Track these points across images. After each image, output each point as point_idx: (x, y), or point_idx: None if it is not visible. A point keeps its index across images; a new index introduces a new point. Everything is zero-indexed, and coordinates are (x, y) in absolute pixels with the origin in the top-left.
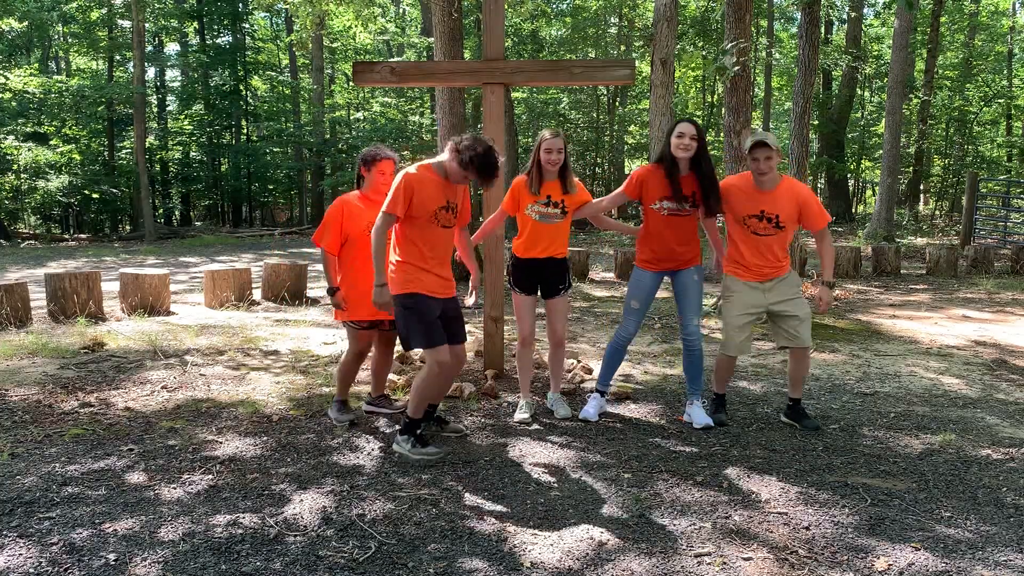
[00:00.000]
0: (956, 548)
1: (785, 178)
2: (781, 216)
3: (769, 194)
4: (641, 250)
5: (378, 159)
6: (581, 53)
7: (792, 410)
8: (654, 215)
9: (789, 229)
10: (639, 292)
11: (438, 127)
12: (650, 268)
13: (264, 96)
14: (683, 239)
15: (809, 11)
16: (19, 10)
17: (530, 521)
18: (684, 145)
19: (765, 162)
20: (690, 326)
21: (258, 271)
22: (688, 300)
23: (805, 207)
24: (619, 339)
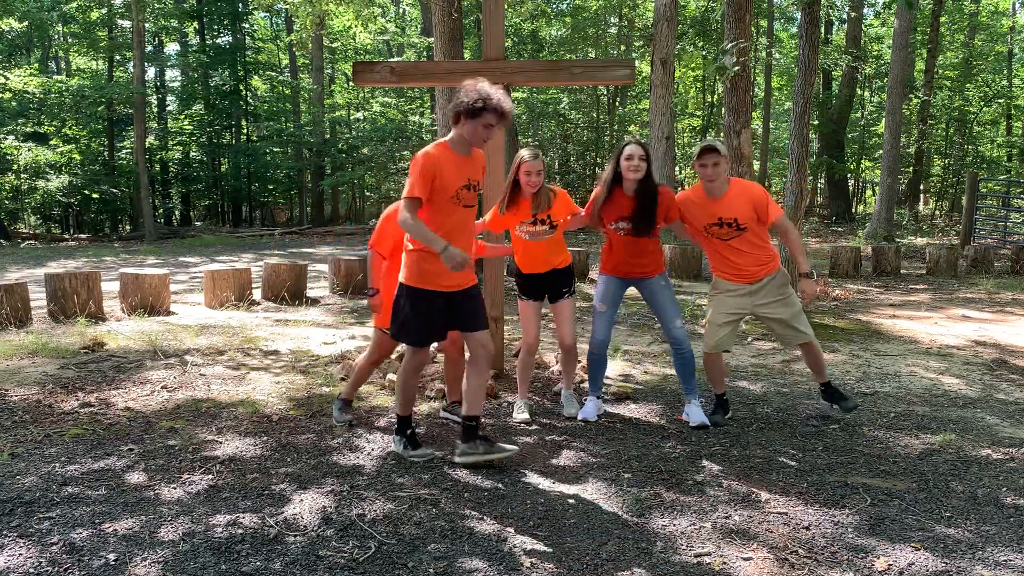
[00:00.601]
0: (956, 548)
1: (734, 181)
2: (739, 218)
3: (721, 200)
4: (604, 261)
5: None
6: (581, 53)
7: (826, 393)
8: (612, 233)
9: (752, 228)
10: (606, 295)
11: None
12: (613, 274)
13: (264, 96)
14: (642, 255)
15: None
16: (19, 10)
17: (530, 521)
18: (634, 167)
19: (713, 168)
20: (674, 329)
21: (258, 271)
22: (662, 305)
23: (758, 205)
24: (594, 345)
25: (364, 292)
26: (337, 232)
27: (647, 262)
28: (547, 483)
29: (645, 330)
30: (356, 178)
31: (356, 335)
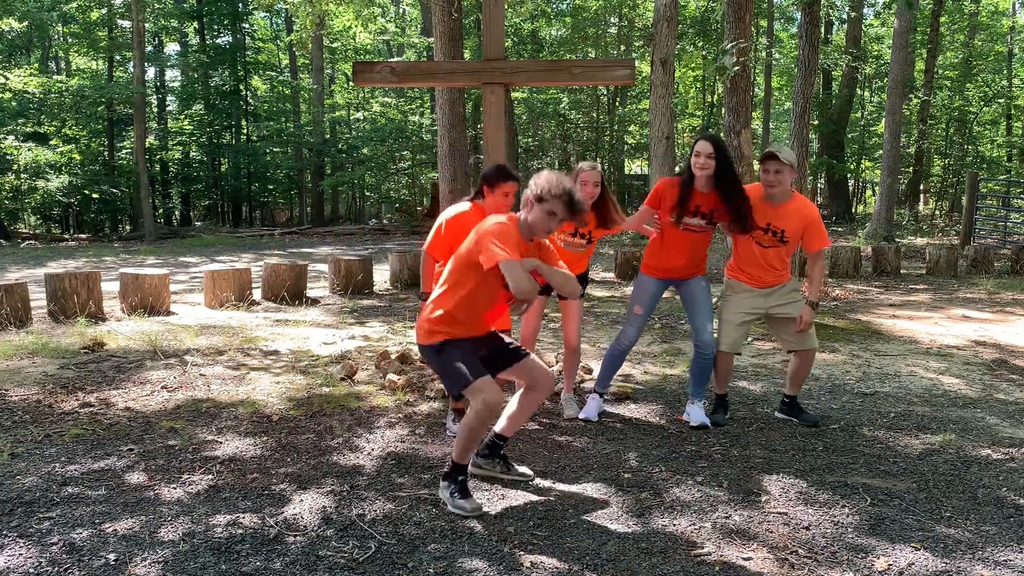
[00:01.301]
0: (956, 548)
1: (796, 196)
2: (787, 232)
3: (779, 208)
4: (648, 257)
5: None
6: (581, 53)
7: (788, 406)
8: (670, 227)
9: (792, 245)
10: (643, 297)
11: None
12: (656, 275)
13: (264, 96)
14: (693, 254)
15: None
16: (19, 10)
17: (530, 521)
18: (700, 164)
19: (774, 175)
20: (704, 333)
21: (258, 271)
22: (699, 307)
23: (810, 228)
24: (620, 344)
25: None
26: (337, 232)
27: (696, 263)
28: (547, 483)
29: (645, 330)
30: (356, 178)
31: (356, 335)
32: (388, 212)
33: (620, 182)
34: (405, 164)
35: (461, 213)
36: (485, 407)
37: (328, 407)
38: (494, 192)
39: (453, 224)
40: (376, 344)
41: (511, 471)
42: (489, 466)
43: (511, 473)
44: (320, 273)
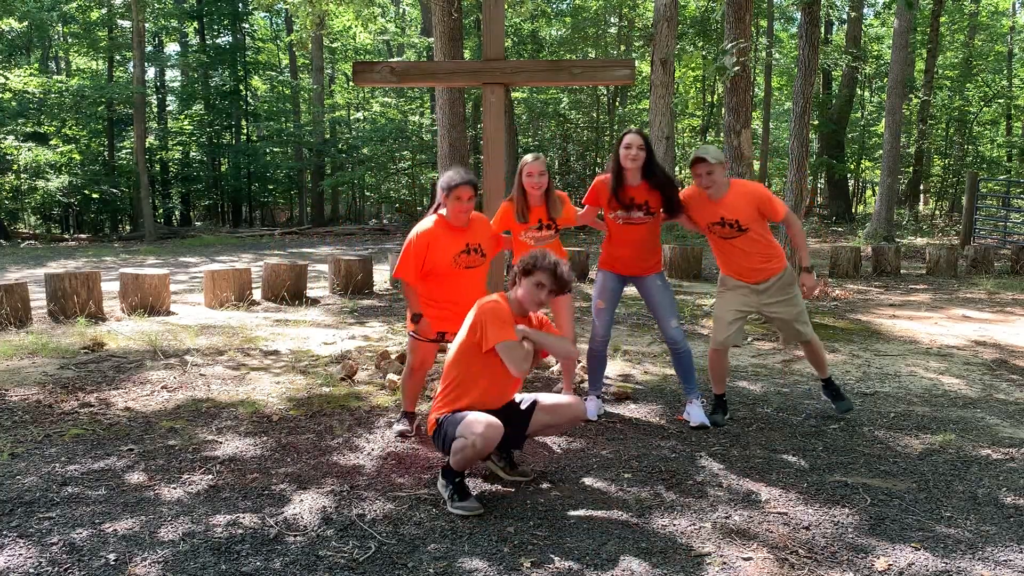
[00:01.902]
0: (956, 548)
1: (734, 182)
2: (740, 219)
3: (722, 201)
4: (603, 254)
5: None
6: (581, 53)
7: (827, 388)
8: (612, 223)
9: (755, 228)
10: (604, 292)
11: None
12: (611, 270)
13: (264, 96)
14: (641, 246)
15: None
16: (19, 10)
17: (530, 521)
18: (632, 156)
19: (707, 177)
20: (670, 329)
21: (258, 271)
22: (660, 304)
23: (761, 204)
24: (593, 343)
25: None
26: (337, 232)
27: (646, 257)
28: (547, 483)
29: (645, 330)
30: (356, 178)
31: (356, 335)
32: (388, 212)
33: None
34: (405, 164)
35: (425, 232)
36: (484, 441)
37: (328, 407)
38: (448, 199)
39: (419, 244)
40: (376, 344)
41: (512, 471)
42: (495, 457)
43: (512, 473)
44: (320, 273)
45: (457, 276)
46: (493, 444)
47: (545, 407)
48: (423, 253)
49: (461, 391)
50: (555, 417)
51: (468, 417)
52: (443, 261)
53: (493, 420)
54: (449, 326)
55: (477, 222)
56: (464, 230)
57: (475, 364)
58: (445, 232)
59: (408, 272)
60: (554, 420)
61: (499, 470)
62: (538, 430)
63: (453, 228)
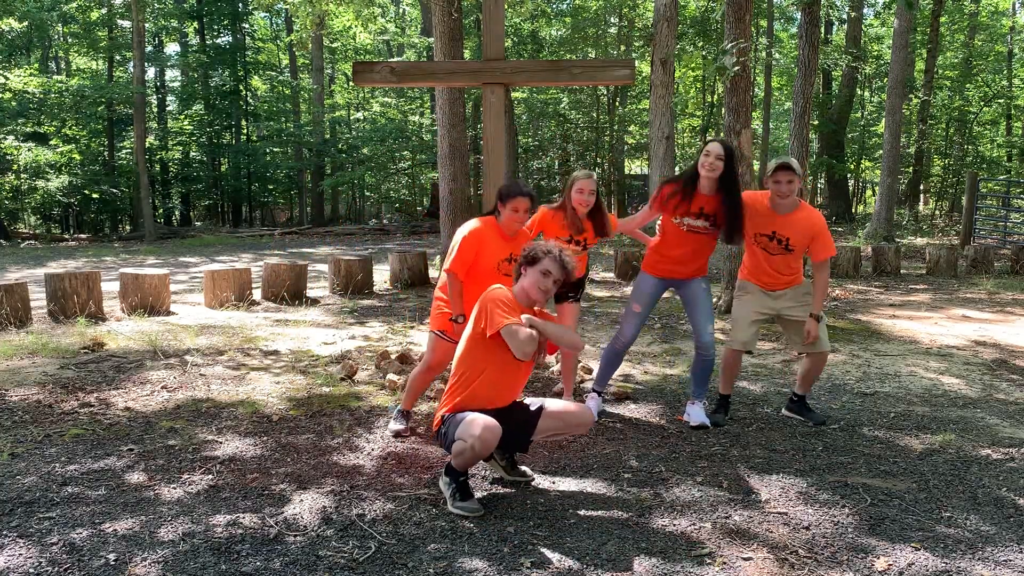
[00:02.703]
0: (956, 548)
1: (804, 205)
2: (792, 240)
3: (785, 217)
4: (651, 255)
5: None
6: (581, 53)
7: (797, 405)
8: (673, 228)
9: (798, 252)
10: (642, 296)
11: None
12: (656, 274)
13: (264, 96)
14: (694, 255)
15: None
16: (19, 10)
17: (530, 521)
18: (710, 164)
19: (787, 185)
20: (705, 334)
21: (258, 271)
22: (699, 308)
23: (817, 238)
24: (618, 342)
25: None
26: (337, 232)
27: (698, 264)
28: (547, 483)
29: (645, 330)
30: (356, 178)
31: (356, 335)
32: (388, 212)
33: (620, 182)
34: (405, 164)
35: (479, 230)
36: (482, 443)
37: (328, 407)
38: (505, 207)
39: (473, 241)
40: (376, 344)
41: (513, 471)
42: (497, 456)
43: (513, 473)
44: (320, 273)
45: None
46: (491, 447)
47: (552, 413)
48: (475, 251)
49: (467, 383)
50: (562, 424)
51: (467, 418)
52: (489, 264)
53: (491, 422)
54: None
55: (523, 235)
56: (512, 240)
57: (480, 353)
58: (495, 236)
59: (461, 267)
60: (561, 427)
61: (500, 469)
62: (544, 435)
63: (503, 235)
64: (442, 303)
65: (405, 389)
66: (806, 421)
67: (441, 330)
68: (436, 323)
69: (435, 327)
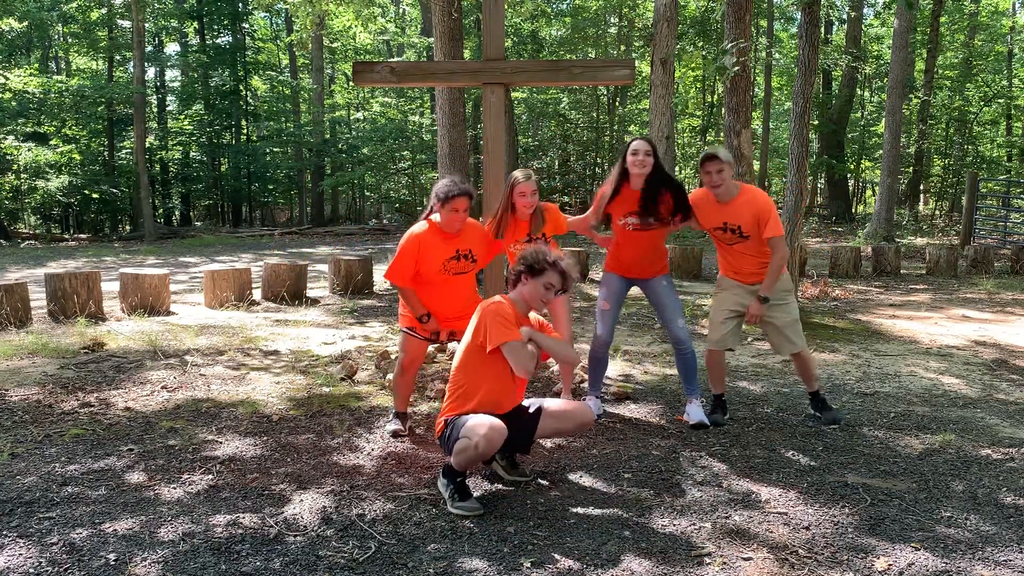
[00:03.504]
0: (956, 548)
1: (744, 188)
2: (743, 226)
3: (728, 206)
4: (609, 257)
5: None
6: (581, 53)
7: (814, 403)
8: (619, 229)
9: (756, 236)
10: (609, 294)
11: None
12: (618, 273)
13: (264, 96)
14: (646, 252)
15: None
16: (19, 10)
17: (530, 521)
18: (639, 161)
19: (717, 175)
20: (676, 329)
21: (258, 271)
22: (665, 305)
23: (761, 218)
24: (595, 345)
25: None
26: (337, 232)
27: (653, 260)
28: (547, 483)
29: (645, 330)
30: (356, 178)
31: (356, 335)
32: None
33: None
34: (405, 164)
35: (417, 235)
36: (486, 442)
37: (328, 407)
38: (444, 208)
39: (410, 249)
40: (376, 344)
41: (514, 471)
42: (497, 457)
43: (513, 473)
44: (320, 273)
45: (444, 283)
46: (496, 447)
47: (552, 412)
48: (414, 256)
49: (468, 394)
50: (562, 423)
51: (472, 419)
52: (432, 267)
53: (496, 423)
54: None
55: (469, 228)
56: (455, 236)
57: (480, 366)
58: (436, 237)
59: (398, 275)
60: (561, 426)
61: (500, 469)
62: (545, 435)
63: (444, 234)
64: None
65: (393, 394)
66: (806, 421)
67: (410, 327)
68: (403, 321)
69: (403, 324)
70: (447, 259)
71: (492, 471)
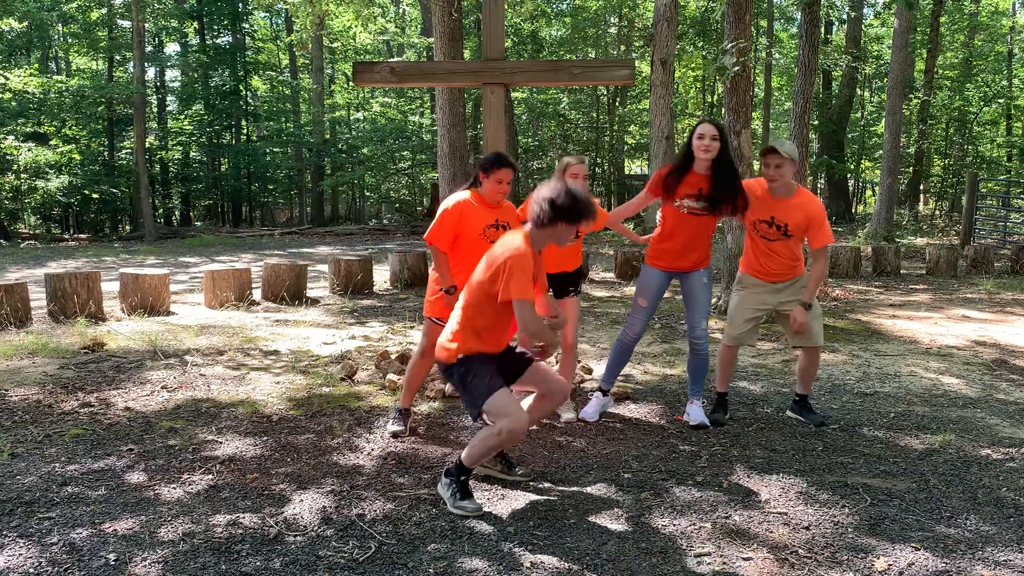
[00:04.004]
0: (956, 548)
1: (802, 190)
2: (790, 225)
3: (783, 202)
4: (652, 248)
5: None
6: (581, 53)
7: (798, 405)
8: (672, 212)
9: (797, 238)
10: (647, 290)
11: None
12: (659, 266)
13: (264, 96)
14: (695, 241)
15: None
16: (19, 10)
17: (530, 521)
18: (705, 146)
19: (775, 169)
20: (698, 328)
21: (258, 271)
22: (696, 302)
23: (813, 223)
24: (626, 337)
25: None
26: (337, 232)
27: (699, 253)
28: (547, 483)
29: (646, 330)
30: (356, 178)
31: (356, 335)
32: (388, 212)
33: (620, 182)
34: (405, 164)
35: (460, 201)
36: (510, 434)
37: (328, 407)
38: (488, 179)
39: (453, 212)
40: (376, 344)
41: (511, 472)
42: (490, 464)
43: (511, 474)
44: (320, 273)
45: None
46: (518, 439)
47: (540, 369)
48: (456, 221)
49: (477, 332)
50: (542, 382)
51: (500, 395)
52: (473, 231)
53: (523, 414)
54: None
55: (507, 205)
56: (495, 207)
57: (488, 306)
58: (479, 204)
59: (440, 237)
60: (540, 385)
61: (496, 473)
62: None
63: (486, 203)
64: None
65: (403, 385)
66: (807, 422)
67: (437, 317)
68: (431, 310)
69: (430, 314)
70: (487, 226)
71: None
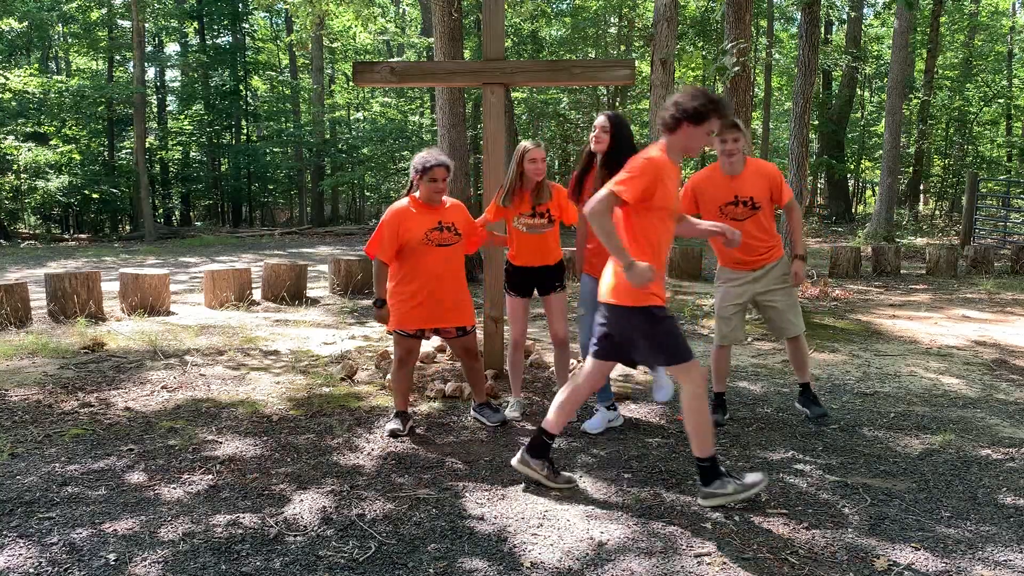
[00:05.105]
0: (956, 548)
1: (749, 159)
2: (755, 197)
3: (738, 178)
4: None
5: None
6: (581, 53)
7: (803, 396)
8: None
9: (765, 208)
10: (584, 297)
11: (438, 127)
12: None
13: (264, 96)
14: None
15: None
16: (19, 10)
17: (530, 521)
18: (595, 138)
19: (733, 144)
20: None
21: (258, 271)
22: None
23: (773, 183)
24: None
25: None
26: (337, 232)
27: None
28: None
29: None
30: (356, 178)
31: (356, 335)
32: None
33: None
34: (405, 164)
35: (397, 210)
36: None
37: (328, 407)
38: (423, 180)
39: (391, 222)
40: (376, 344)
41: (557, 478)
42: (538, 467)
43: (557, 480)
44: (320, 273)
45: (430, 255)
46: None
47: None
48: (395, 230)
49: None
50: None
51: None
52: (415, 236)
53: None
54: (429, 322)
55: (453, 206)
56: (437, 208)
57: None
58: (418, 210)
59: (378, 248)
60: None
61: (542, 478)
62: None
63: (427, 207)
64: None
65: (393, 391)
66: (806, 422)
67: (397, 329)
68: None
69: (388, 328)
70: (429, 230)
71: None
